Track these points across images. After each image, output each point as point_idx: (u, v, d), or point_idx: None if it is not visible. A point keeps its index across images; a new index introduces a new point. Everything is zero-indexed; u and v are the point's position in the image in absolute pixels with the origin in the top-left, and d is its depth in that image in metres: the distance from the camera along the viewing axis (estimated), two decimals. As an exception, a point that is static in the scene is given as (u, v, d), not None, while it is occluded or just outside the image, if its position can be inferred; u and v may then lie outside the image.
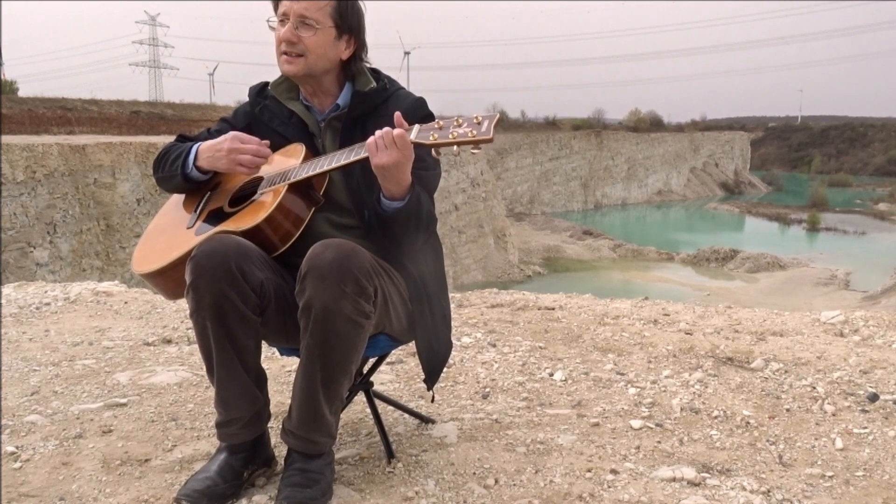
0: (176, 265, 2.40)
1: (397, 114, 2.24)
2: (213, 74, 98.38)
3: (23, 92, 46.29)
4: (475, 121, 2.11)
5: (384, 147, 2.20)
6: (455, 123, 2.13)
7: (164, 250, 2.48)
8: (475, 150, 2.12)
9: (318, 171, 2.35)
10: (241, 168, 2.46)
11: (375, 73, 2.60)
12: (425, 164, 2.37)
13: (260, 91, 2.67)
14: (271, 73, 2.68)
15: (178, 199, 2.71)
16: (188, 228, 2.52)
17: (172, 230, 2.58)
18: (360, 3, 2.54)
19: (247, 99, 2.71)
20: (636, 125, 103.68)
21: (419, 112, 2.48)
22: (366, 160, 2.26)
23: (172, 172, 2.58)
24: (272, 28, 2.49)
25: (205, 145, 2.52)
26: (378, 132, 2.22)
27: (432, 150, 2.16)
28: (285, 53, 2.46)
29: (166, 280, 2.46)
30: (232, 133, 2.49)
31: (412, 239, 2.43)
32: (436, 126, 2.16)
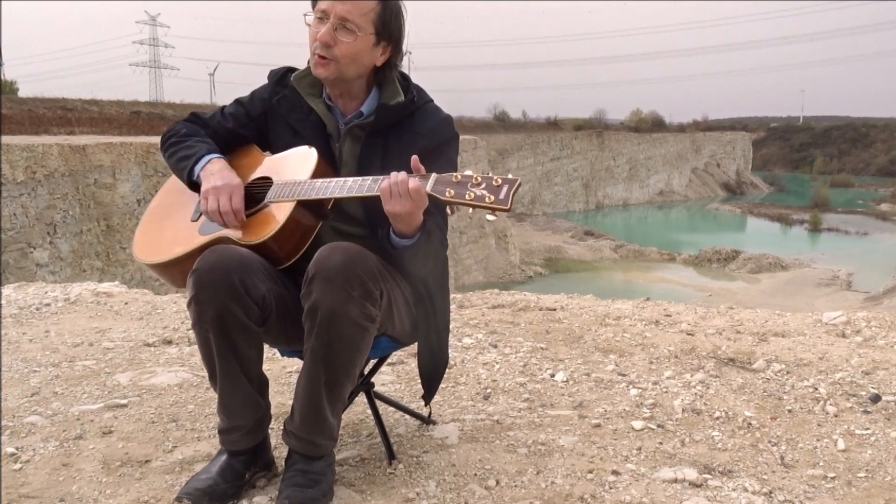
0: (177, 262, 2.39)
1: (415, 158, 2.17)
2: (214, 75, 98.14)
3: (23, 92, 46.40)
4: (494, 183, 2.05)
5: (398, 195, 2.15)
6: (473, 181, 2.07)
7: (167, 243, 2.45)
8: (491, 217, 2.06)
9: (328, 195, 2.27)
10: (202, 204, 2.38)
11: (405, 80, 2.53)
12: None
13: (280, 79, 2.59)
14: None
15: None
16: (193, 221, 2.48)
17: (175, 219, 2.54)
18: (404, 9, 2.44)
19: (252, 91, 2.65)
20: (638, 125, 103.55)
21: (444, 133, 2.45)
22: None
23: (179, 168, 2.51)
24: (308, 24, 2.40)
25: (217, 164, 2.44)
26: (394, 177, 2.15)
27: (446, 207, 2.12)
28: (318, 54, 2.37)
29: (165, 272, 2.46)
30: (237, 185, 2.38)
31: (420, 268, 2.40)
32: (453, 180, 2.10)
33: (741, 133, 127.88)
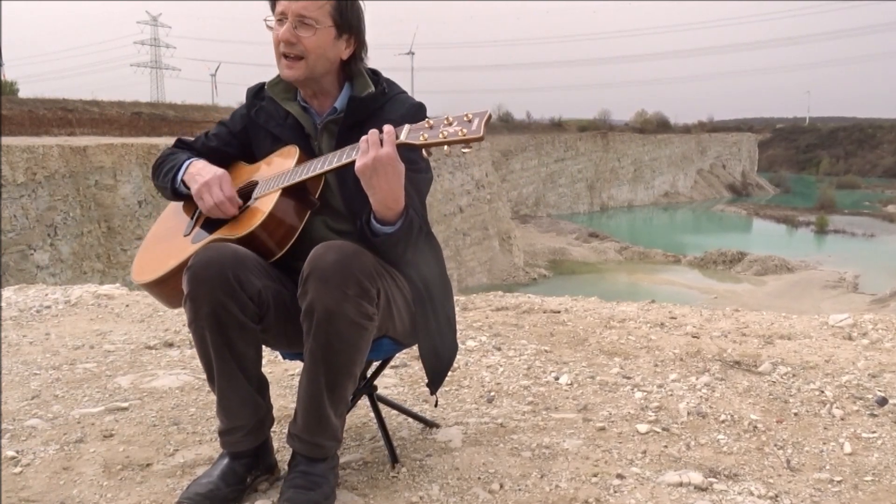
0: (173, 274, 2.39)
1: (387, 126, 2.18)
2: (216, 75, 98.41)
3: (23, 93, 46.37)
4: (465, 119, 2.06)
5: (365, 150, 2.14)
6: (445, 122, 2.08)
7: (161, 260, 2.47)
8: (466, 150, 2.06)
9: (310, 174, 2.31)
10: (200, 205, 2.42)
11: (375, 74, 2.55)
12: (417, 165, 2.32)
13: (257, 93, 2.63)
14: (273, 73, 2.65)
15: (176, 206, 2.69)
16: (185, 236, 2.51)
17: (170, 238, 2.57)
18: (360, 1, 2.49)
19: (233, 110, 2.70)
20: (642, 126, 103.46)
21: (417, 117, 2.40)
22: None
23: (164, 184, 2.59)
24: (270, 28, 2.43)
25: (197, 165, 2.50)
26: (365, 136, 2.16)
27: (423, 150, 2.11)
28: (285, 56, 2.40)
29: (164, 289, 2.46)
30: (222, 174, 2.44)
31: (399, 258, 2.37)
32: (426, 126, 2.11)
33: (747, 134, 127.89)
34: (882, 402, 3.28)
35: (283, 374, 3.67)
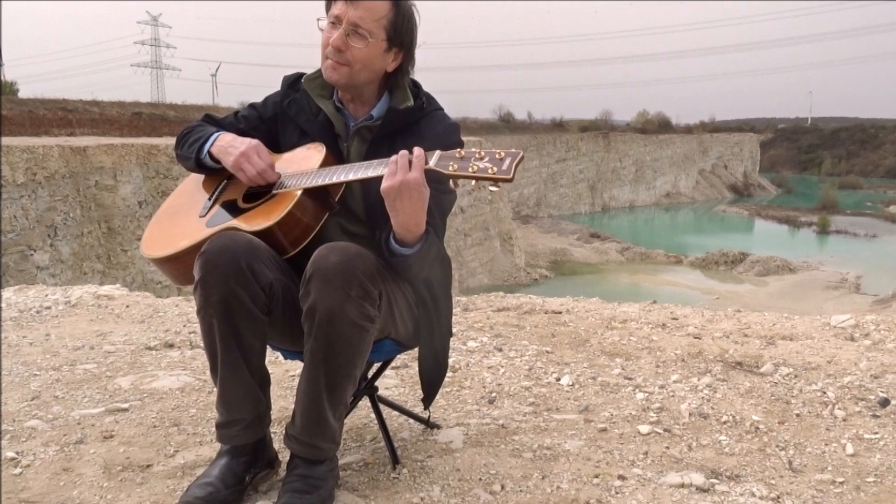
0: (183, 255, 2.38)
1: (417, 147, 2.17)
2: (216, 75, 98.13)
3: (23, 93, 46.20)
4: (497, 156, 2.05)
5: (393, 172, 2.12)
6: (477, 156, 2.07)
7: (174, 237, 2.46)
8: (494, 188, 2.05)
9: (336, 180, 2.29)
10: (241, 175, 2.42)
11: (416, 87, 2.54)
12: (443, 186, 2.29)
13: (293, 83, 2.61)
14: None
15: (195, 180, 2.67)
16: (200, 217, 2.49)
17: (184, 215, 2.55)
18: (416, 14, 2.46)
19: (254, 100, 2.68)
20: (644, 127, 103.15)
21: (449, 138, 2.43)
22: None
23: (188, 154, 2.55)
24: (321, 29, 2.42)
25: (226, 137, 2.49)
26: (394, 157, 2.14)
27: (450, 181, 2.11)
28: (330, 59, 2.39)
29: (172, 267, 2.45)
30: (256, 142, 2.44)
31: (413, 277, 2.38)
32: (456, 156, 2.10)
33: (749, 134, 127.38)
34: (884, 403, 3.27)
35: (283, 375, 3.66)
